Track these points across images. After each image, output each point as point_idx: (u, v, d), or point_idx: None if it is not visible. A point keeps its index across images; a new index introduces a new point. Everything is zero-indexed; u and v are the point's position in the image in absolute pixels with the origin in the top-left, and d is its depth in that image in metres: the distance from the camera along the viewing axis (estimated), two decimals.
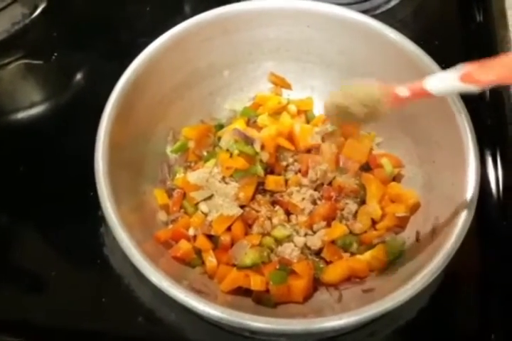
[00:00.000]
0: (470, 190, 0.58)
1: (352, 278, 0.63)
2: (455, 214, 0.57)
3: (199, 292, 0.55)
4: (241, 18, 0.68)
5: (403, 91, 0.53)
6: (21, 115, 0.80)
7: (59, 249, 0.70)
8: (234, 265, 0.62)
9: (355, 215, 0.66)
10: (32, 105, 0.80)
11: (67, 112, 0.79)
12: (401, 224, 0.65)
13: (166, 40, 0.66)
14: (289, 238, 0.64)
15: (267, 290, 0.61)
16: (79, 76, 0.82)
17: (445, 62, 0.64)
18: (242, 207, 0.65)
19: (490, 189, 0.72)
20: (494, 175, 0.73)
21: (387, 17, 0.80)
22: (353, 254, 0.64)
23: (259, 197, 0.66)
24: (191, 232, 0.64)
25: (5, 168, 0.75)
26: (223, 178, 0.66)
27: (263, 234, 0.64)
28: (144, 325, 0.64)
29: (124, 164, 0.62)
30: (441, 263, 0.55)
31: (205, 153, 0.69)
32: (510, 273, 0.67)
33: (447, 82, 0.50)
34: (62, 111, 0.79)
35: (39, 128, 0.78)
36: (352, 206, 0.66)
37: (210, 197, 0.65)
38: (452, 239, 0.56)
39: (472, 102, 0.62)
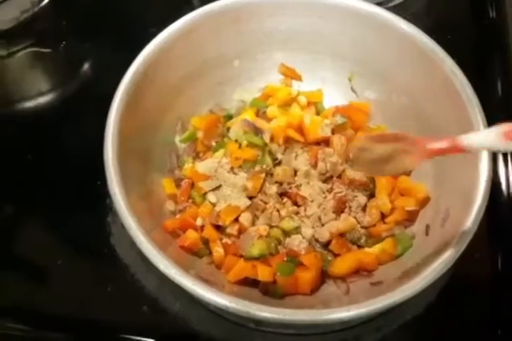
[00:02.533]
0: (481, 185, 0.57)
1: (360, 271, 0.62)
2: (465, 209, 0.57)
3: (206, 281, 0.55)
4: (251, 8, 0.68)
5: (438, 145, 0.51)
6: (29, 103, 0.79)
7: (66, 237, 0.70)
8: (241, 256, 0.62)
9: (364, 208, 0.65)
10: (40, 94, 0.80)
11: (75, 101, 0.78)
12: (410, 217, 0.65)
13: (175, 30, 0.65)
14: (297, 230, 0.64)
15: (274, 282, 0.60)
16: (87, 65, 0.82)
17: (457, 56, 0.63)
18: (250, 198, 0.64)
19: (500, 186, 0.72)
20: (505, 173, 0.73)
21: (399, 10, 0.78)
22: (361, 247, 0.64)
23: (267, 188, 0.65)
24: (199, 222, 0.64)
25: (13, 156, 0.75)
26: (232, 169, 0.65)
27: (271, 226, 0.63)
28: (149, 314, 0.64)
29: (133, 153, 0.62)
30: (451, 258, 0.54)
31: (213, 144, 0.69)
32: None
33: (488, 139, 0.47)
34: (71, 100, 0.79)
35: (47, 116, 0.78)
36: (361, 199, 0.65)
37: (218, 188, 0.65)
38: (462, 233, 0.55)
39: (485, 97, 0.62)
